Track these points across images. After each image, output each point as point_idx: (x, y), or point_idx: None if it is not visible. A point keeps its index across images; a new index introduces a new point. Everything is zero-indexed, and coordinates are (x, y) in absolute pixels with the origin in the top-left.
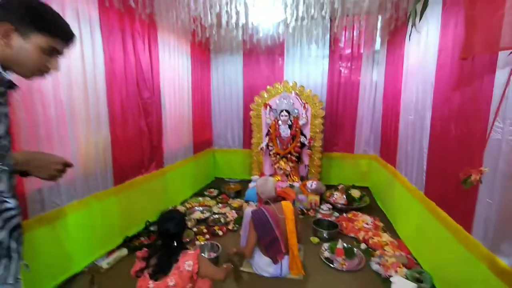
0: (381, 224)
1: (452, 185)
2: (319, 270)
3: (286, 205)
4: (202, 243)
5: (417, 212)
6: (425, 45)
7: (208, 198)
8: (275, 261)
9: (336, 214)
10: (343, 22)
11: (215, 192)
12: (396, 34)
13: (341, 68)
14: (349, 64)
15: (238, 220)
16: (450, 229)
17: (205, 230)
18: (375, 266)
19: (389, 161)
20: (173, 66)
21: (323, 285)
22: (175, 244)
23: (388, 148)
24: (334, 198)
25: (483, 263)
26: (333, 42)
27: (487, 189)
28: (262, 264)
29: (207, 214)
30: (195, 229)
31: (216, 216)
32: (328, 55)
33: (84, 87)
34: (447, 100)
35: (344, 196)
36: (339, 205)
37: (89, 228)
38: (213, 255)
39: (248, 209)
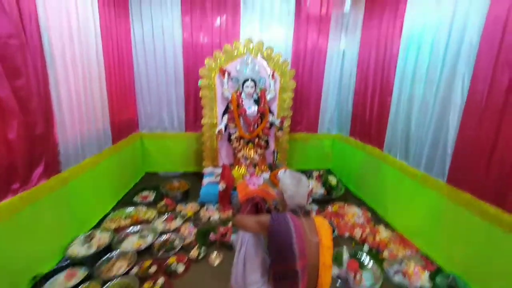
0: (368, 215)
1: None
2: None
3: (321, 223)
4: None
5: (431, 204)
6: None
7: (143, 207)
8: None
9: (315, 207)
10: None
11: (151, 195)
12: None
13: (308, 32)
14: (317, 27)
15: (202, 239)
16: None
17: (154, 268)
18: (396, 277)
19: (370, 141)
20: None
21: None
22: None
23: (367, 127)
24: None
25: None
26: None
27: None
28: None
29: (149, 237)
30: (136, 269)
31: (165, 236)
32: (294, 12)
33: None
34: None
35: (321, 185)
36: (318, 196)
37: None
38: None
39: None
